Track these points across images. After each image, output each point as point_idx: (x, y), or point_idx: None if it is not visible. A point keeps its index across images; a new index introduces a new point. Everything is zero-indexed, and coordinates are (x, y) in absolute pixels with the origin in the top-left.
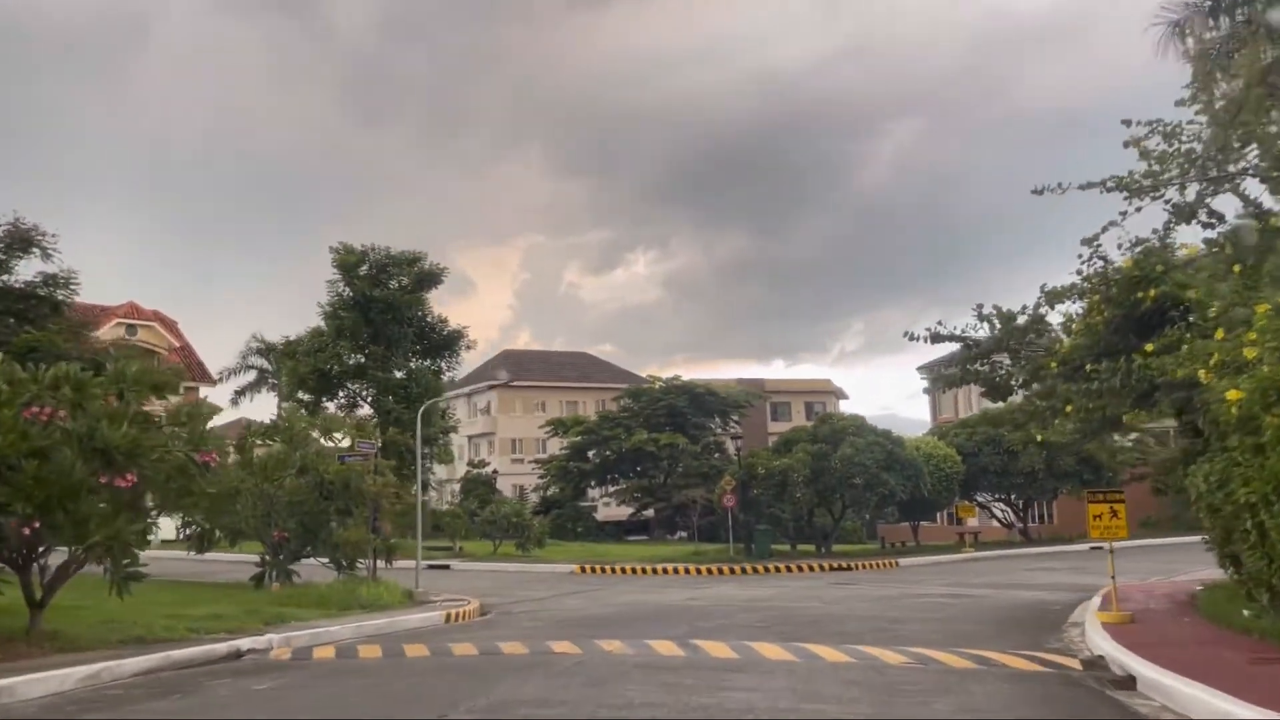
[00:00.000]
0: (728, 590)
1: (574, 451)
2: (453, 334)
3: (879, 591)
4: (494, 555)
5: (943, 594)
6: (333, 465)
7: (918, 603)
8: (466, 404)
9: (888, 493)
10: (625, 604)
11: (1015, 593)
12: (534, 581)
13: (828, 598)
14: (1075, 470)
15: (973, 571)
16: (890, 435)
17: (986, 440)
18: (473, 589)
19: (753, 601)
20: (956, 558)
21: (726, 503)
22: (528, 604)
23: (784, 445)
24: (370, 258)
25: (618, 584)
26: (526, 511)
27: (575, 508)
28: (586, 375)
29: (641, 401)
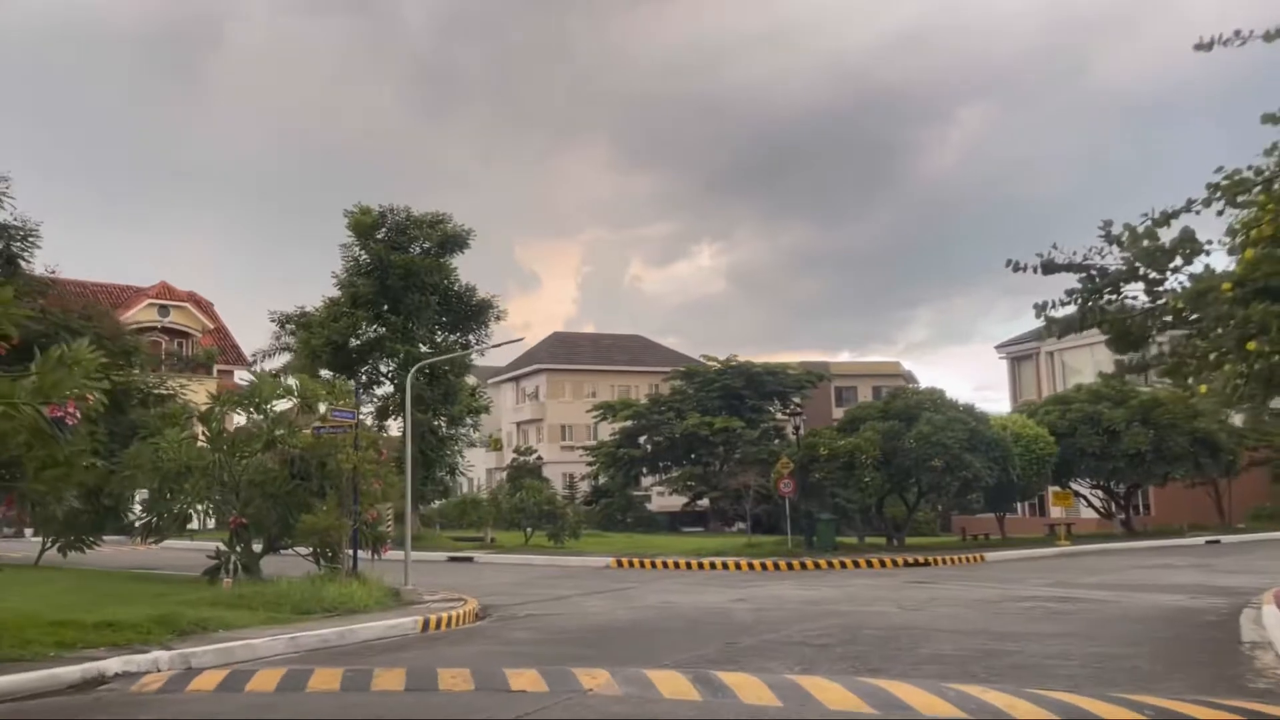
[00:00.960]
0: (783, 590)
1: (624, 437)
2: (481, 303)
3: (970, 593)
4: (525, 546)
5: (1052, 596)
6: (302, 438)
7: (1024, 609)
8: (514, 389)
9: (971, 477)
10: (654, 607)
11: (1144, 596)
12: (560, 577)
13: (906, 601)
14: (1189, 452)
15: (1076, 569)
16: (973, 411)
17: (1083, 418)
18: (483, 586)
19: (811, 605)
20: (1050, 552)
21: (783, 489)
22: (539, 605)
23: (850, 424)
24: (389, 219)
25: (655, 581)
26: (560, 499)
27: (625, 497)
28: (639, 358)
29: (695, 383)
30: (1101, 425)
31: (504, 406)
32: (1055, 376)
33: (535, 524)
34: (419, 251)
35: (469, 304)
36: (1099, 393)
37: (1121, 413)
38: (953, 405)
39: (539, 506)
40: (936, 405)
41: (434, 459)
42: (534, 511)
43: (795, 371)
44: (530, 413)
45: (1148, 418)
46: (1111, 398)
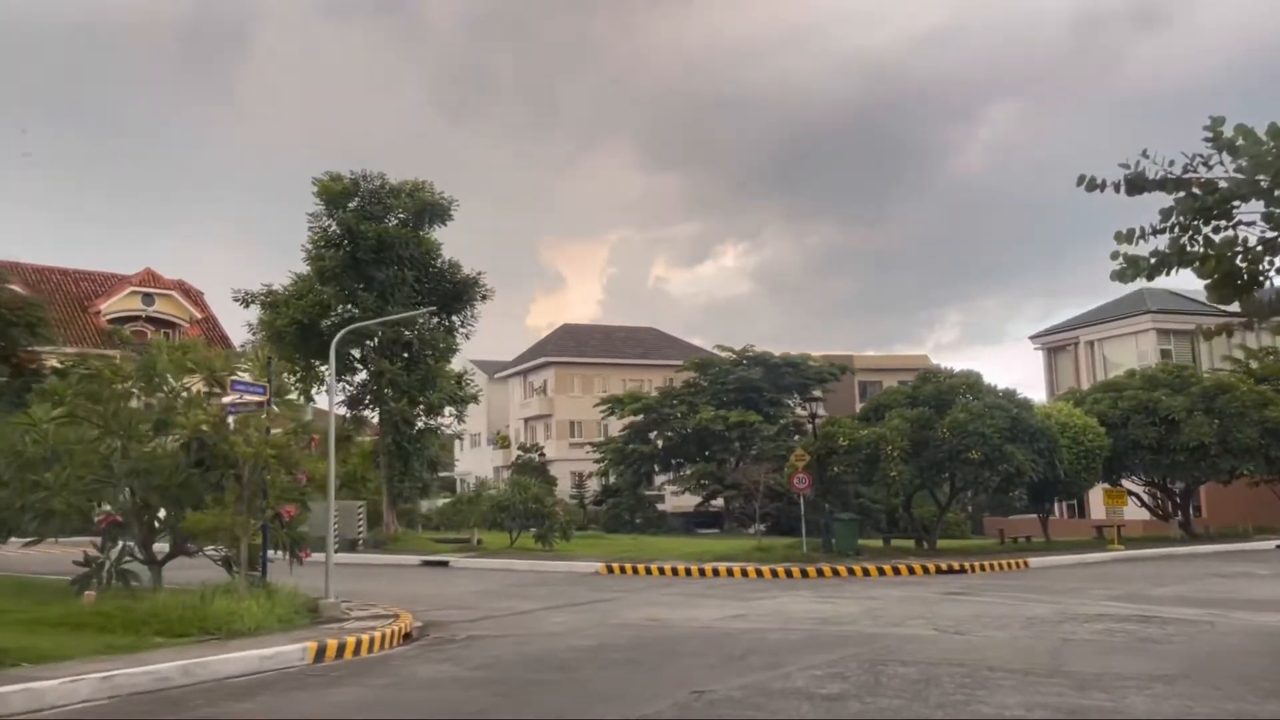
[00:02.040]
0: (793, 603)
1: (633, 433)
2: (465, 281)
3: (1022, 609)
4: (511, 549)
5: (1126, 615)
6: (196, 417)
7: (1098, 635)
8: (522, 383)
9: (1013, 471)
10: (630, 627)
11: (1243, 616)
12: (537, 585)
13: (944, 620)
14: (1259, 445)
15: (1138, 578)
16: (1015, 397)
17: (1137, 406)
18: (443, 596)
19: (824, 626)
20: (1103, 558)
21: (797, 485)
22: (492, 623)
23: (873, 411)
24: (362, 187)
25: (645, 590)
26: (548, 498)
27: (635, 496)
28: (652, 352)
29: (709, 375)
30: (1158, 414)
31: (511, 402)
32: (1095, 368)
33: (521, 524)
34: (396, 223)
35: (452, 281)
36: (1155, 378)
37: (1181, 400)
38: (991, 390)
39: (525, 505)
40: (973, 390)
41: (411, 452)
42: (519, 511)
43: (816, 363)
44: (537, 408)
45: (1211, 406)
46: (1169, 384)
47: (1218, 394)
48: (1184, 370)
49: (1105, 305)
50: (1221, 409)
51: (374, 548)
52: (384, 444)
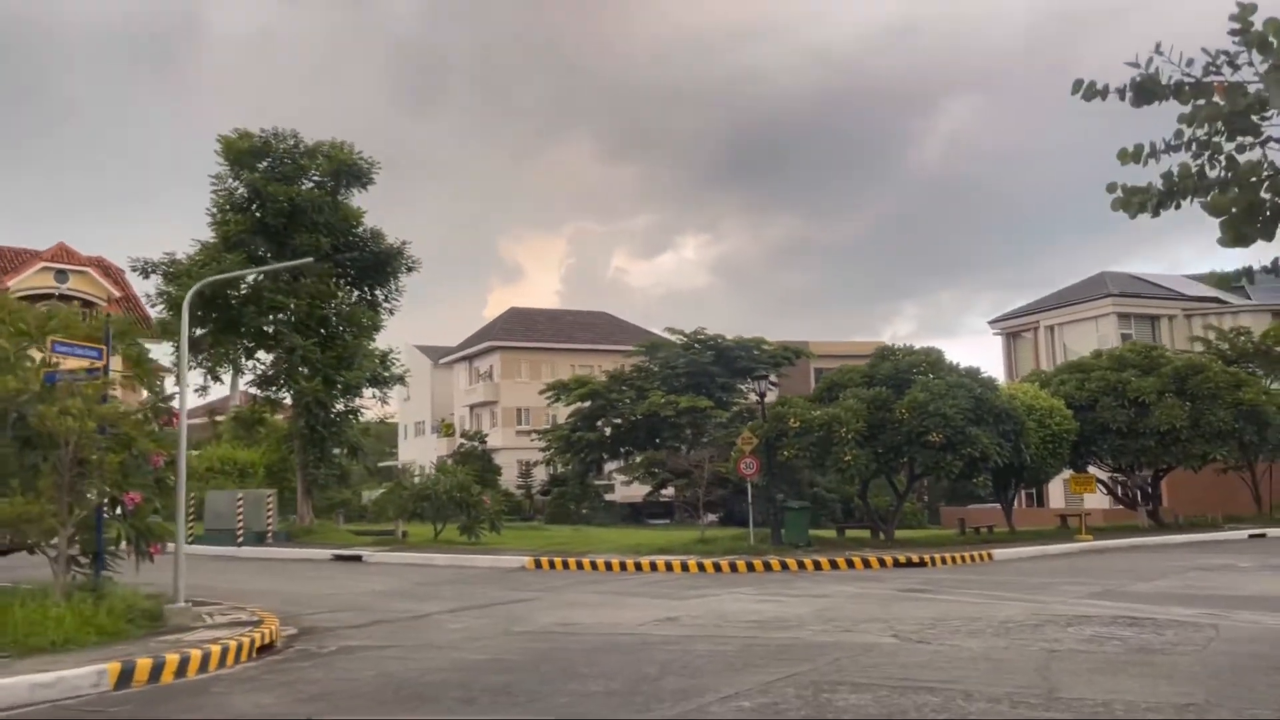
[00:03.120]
0: (732, 603)
1: (579, 420)
2: (388, 251)
3: (993, 609)
4: (434, 542)
5: (1112, 616)
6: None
7: (1087, 642)
8: (467, 369)
9: (978, 455)
10: (537, 635)
11: (1245, 616)
12: (451, 583)
13: (904, 624)
14: (1233, 429)
15: (1114, 571)
16: (978, 375)
17: (1106, 388)
18: (338, 596)
19: (764, 633)
20: (1071, 549)
21: (744, 470)
22: (378, 630)
23: (827, 391)
24: (274, 146)
25: (572, 588)
26: (474, 487)
27: (581, 485)
28: (604, 336)
29: (659, 359)
30: (1128, 396)
31: (456, 388)
32: (1055, 354)
33: (446, 515)
34: (310, 186)
35: (374, 251)
36: (1123, 358)
37: (1152, 381)
38: (953, 369)
39: (448, 495)
40: (934, 368)
41: (326, 436)
42: (443, 501)
43: (770, 348)
44: (483, 395)
45: (1183, 388)
46: (1138, 364)
47: (1189, 375)
48: (1153, 350)
49: (1065, 289)
50: (1194, 391)
51: (285, 540)
52: (297, 427)
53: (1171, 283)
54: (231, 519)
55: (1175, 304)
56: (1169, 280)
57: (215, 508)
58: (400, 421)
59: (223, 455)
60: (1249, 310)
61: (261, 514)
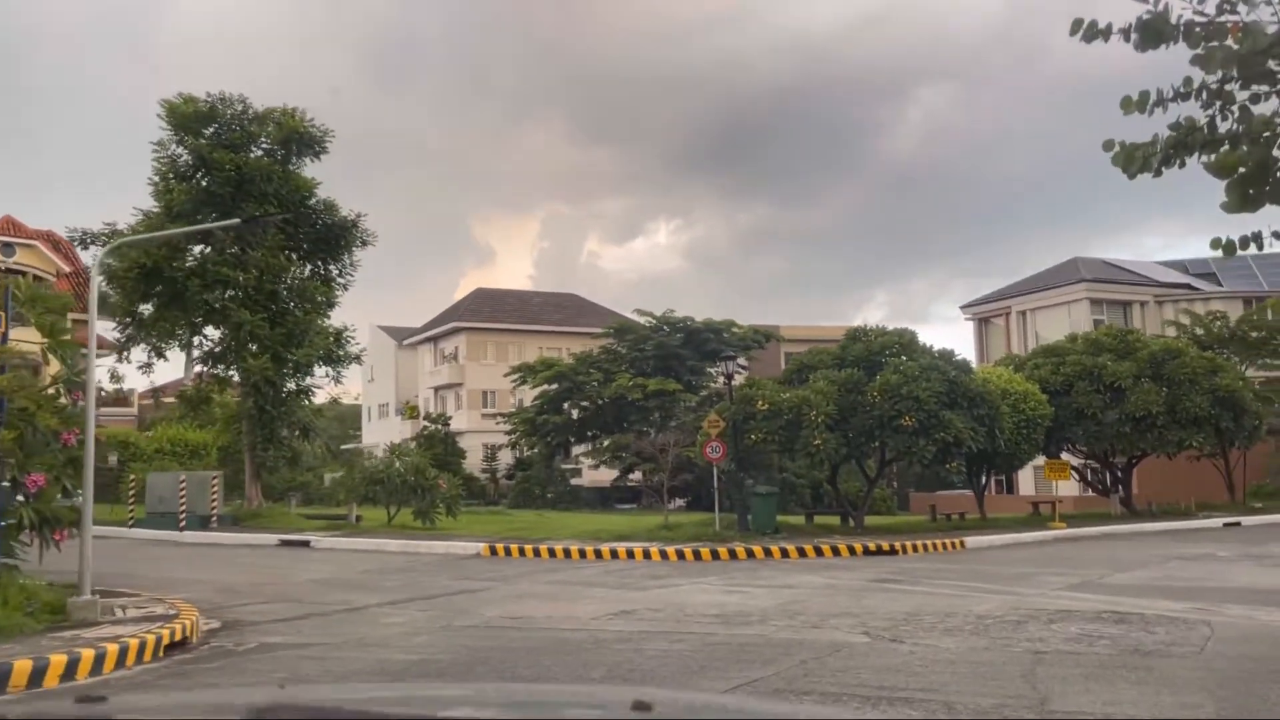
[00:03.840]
0: (694, 594)
1: (545, 403)
2: (341, 224)
3: (968, 601)
4: (388, 527)
5: (1096, 611)
6: None
7: (1073, 642)
8: (432, 350)
9: (951, 440)
10: (478, 632)
11: (1239, 612)
12: (400, 571)
13: (876, 618)
14: (1209, 415)
15: (1090, 560)
16: (952, 358)
17: (1081, 372)
18: (276, 586)
19: (725, 628)
20: (1044, 537)
21: (709, 454)
22: (311, 623)
23: (797, 373)
24: (220, 112)
25: (526, 576)
26: (430, 470)
27: (546, 470)
28: (573, 318)
29: (628, 341)
30: (1103, 381)
31: (421, 370)
32: (1026, 339)
33: (400, 499)
34: (260, 154)
35: (326, 223)
36: (1099, 342)
37: (1128, 366)
38: (926, 351)
39: (402, 478)
40: (907, 350)
41: (275, 416)
42: (396, 484)
43: (741, 330)
44: (448, 377)
45: (1159, 372)
46: (1114, 348)
47: (1166, 360)
48: (1128, 334)
49: (1038, 274)
50: (1170, 376)
51: (231, 525)
52: (244, 407)
53: (1143, 269)
54: (174, 502)
55: (1147, 290)
56: (1141, 266)
57: (157, 490)
58: (364, 404)
59: (174, 436)
60: (1220, 297)
61: (206, 497)
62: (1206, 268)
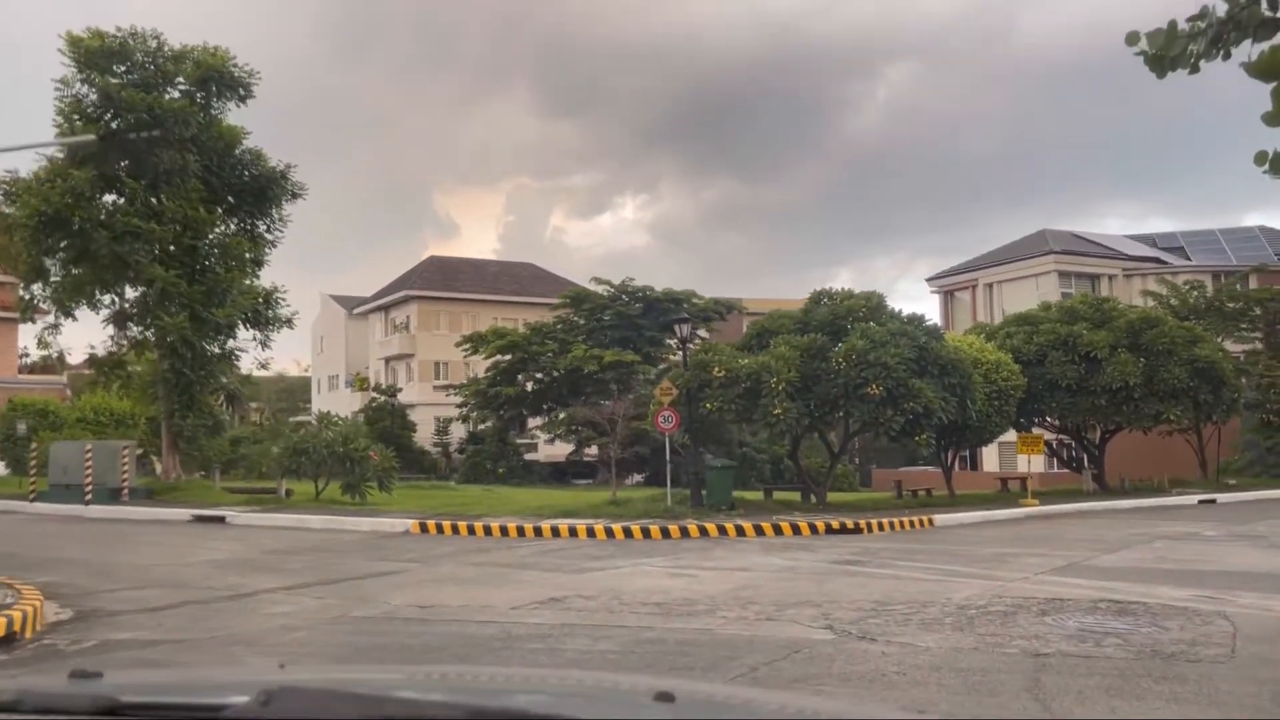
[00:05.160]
0: (636, 578)
1: (498, 374)
2: (269, 175)
3: (943, 586)
4: (316, 502)
5: (1092, 597)
6: None
7: (1073, 637)
8: (383, 320)
9: (921, 411)
10: (374, 625)
11: (1251, 600)
12: (314, 550)
13: (840, 608)
14: (1188, 387)
15: (1070, 540)
16: (922, 323)
17: (1056, 342)
18: (169, 567)
19: (663, 623)
20: (1016, 514)
21: (661, 425)
22: (183, 612)
23: (757, 338)
24: (132, 48)
25: (449, 558)
26: (362, 442)
27: (499, 443)
28: (528, 288)
29: (584, 311)
30: (1078, 351)
31: (371, 340)
32: (993, 313)
33: (326, 472)
34: (177, 95)
35: (253, 173)
36: (1074, 310)
37: (1104, 335)
38: (895, 316)
39: (329, 449)
40: (875, 314)
41: (194, 381)
42: (322, 455)
43: (702, 301)
44: (398, 347)
45: (1137, 342)
46: (1090, 317)
47: (1144, 329)
48: (1104, 303)
49: (1005, 246)
50: (1148, 346)
51: (144, 499)
52: (159, 370)
53: (1112, 242)
54: (79, 474)
55: (1116, 263)
56: (1109, 240)
57: (61, 461)
58: (314, 375)
59: (98, 405)
60: (1189, 271)
61: (116, 468)
62: (1174, 241)
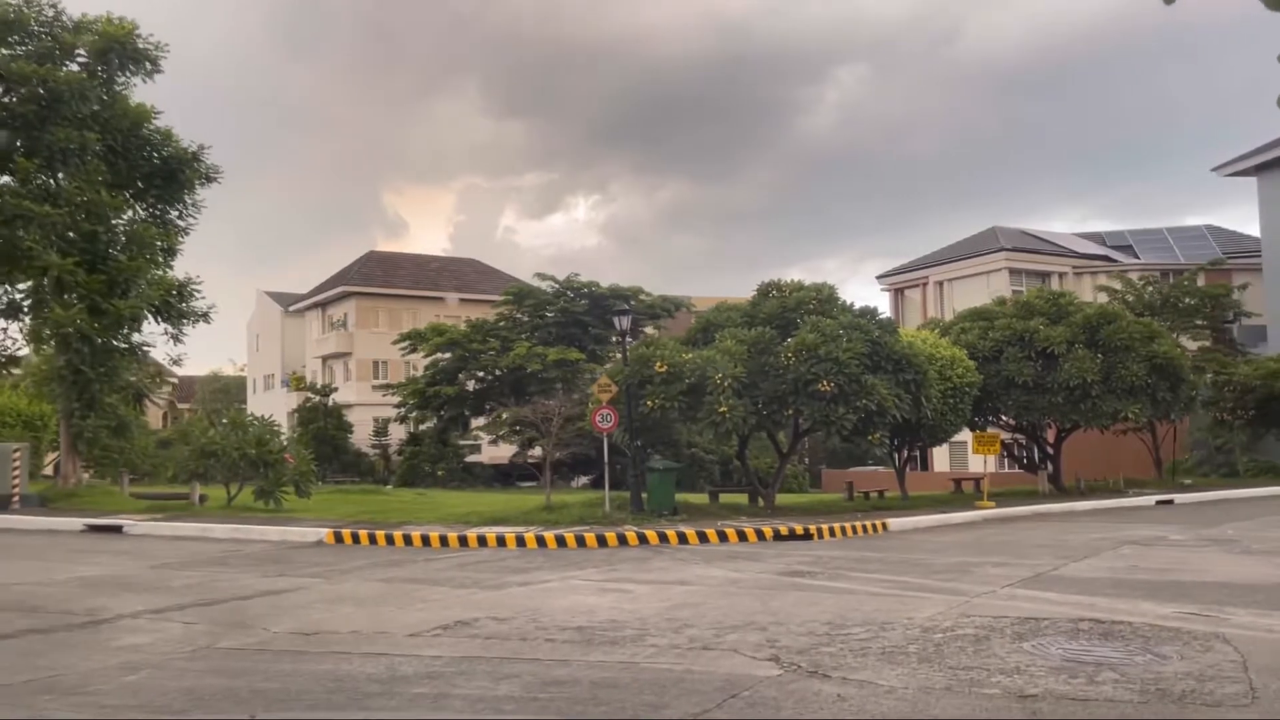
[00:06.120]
0: (561, 594)
1: (437, 373)
2: (179, 157)
3: (903, 604)
4: (230, 509)
5: (1071, 616)
6: None
7: (1059, 671)
8: (320, 317)
9: (875, 408)
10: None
11: (1249, 620)
12: (206, 564)
13: (789, 631)
14: (1146, 384)
15: (1033, 546)
16: (876, 316)
17: (1012, 337)
18: (34, 584)
19: (583, 651)
20: (972, 517)
21: (599, 423)
22: (16, 643)
23: (703, 332)
24: (26, 19)
25: (359, 572)
26: (276, 444)
27: (438, 445)
28: (472, 285)
29: (527, 307)
30: (1035, 347)
31: (308, 338)
32: (944, 311)
33: (237, 476)
34: (76, 70)
35: (160, 155)
36: (1030, 305)
37: (1061, 331)
38: (847, 309)
39: (239, 451)
40: (826, 307)
41: (94, 378)
42: (232, 459)
43: (649, 298)
44: (335, 345)
45: (1094, 338)
46: (1046, 312)
47: (1101, 324)
48: (1061, 297)
49: (956, 244)
50: (1105, 342)
51: (37, 506)
52: (55, 366)
53: (1062, 240)
54: None
55: (1066, 261)
56: (1059, 238)
57: None
58: (249, 375)
59: (5, 405)
60: (1138, 269)
61: (6, 473)
62: (1123, 240)
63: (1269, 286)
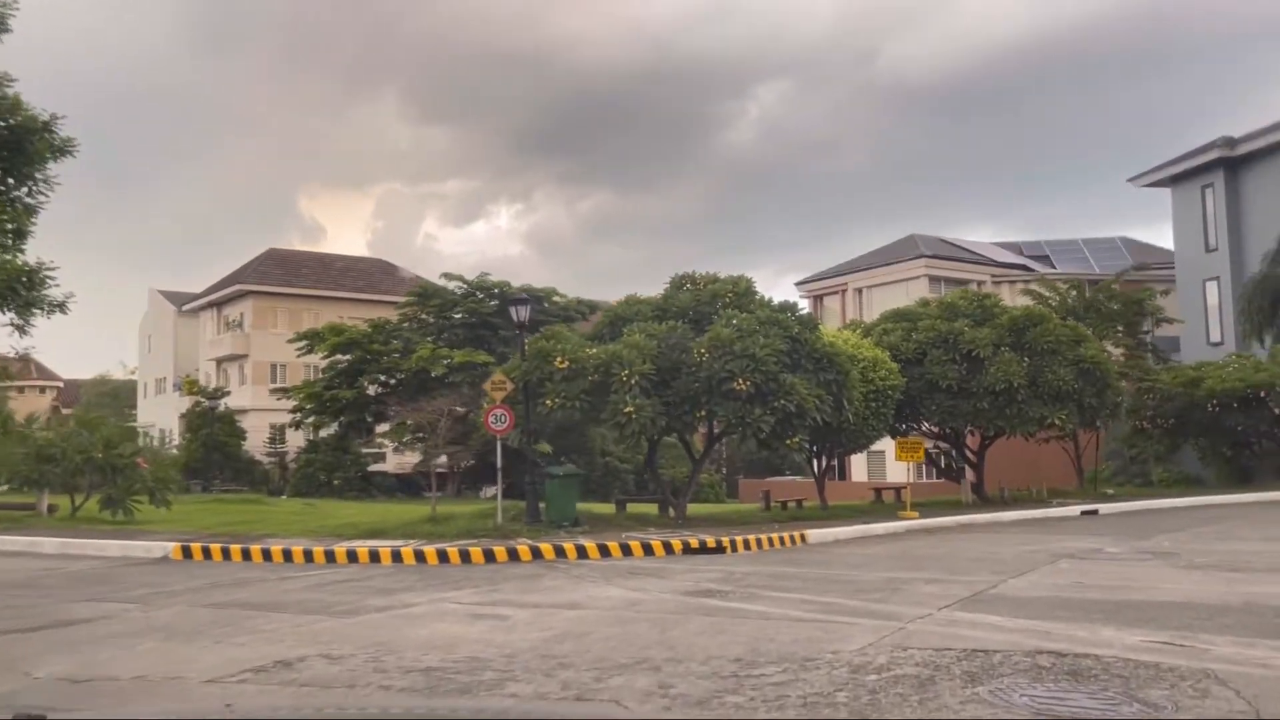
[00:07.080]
0: (426, 621)
1: (335, 376)
2: (28, 127)
3: (827, 632)
4: (71, 520)
5: (1027, 648)
6: None
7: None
8: (215, 317)
9: (794, 409)
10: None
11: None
12: (16, 587)
13: (688, 674)
14: (1073, 389)
15: (965, 561)
16: (795, 311)
17: (936, 339)
18: None
19: (428, 697)
20: (895, 528)
21: (492, 425)
22: None
23: (610, 327)
24: None
25: (191, 594)
26: (129, 446)
27: (336, 453)
28: (376, 285)
29: (431, 306)
30: (959, 349)
31: (202, 340)
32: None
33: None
34: None
35: (7, 124)
36: (954, 306)
37: (986, 333)
38: (765, 303)
39: (84, 455)
40: (742, 301)
41: None
42: (75, 464)
43: (564, 300)
44: (231, 347)
45: (1020, 340)
46: (971, 314)
47: (1028, 326)
48: (986, 299)
49: (876, 250)
50: (1032, 344)
51: None
52: None
53: (980, 248)
54: None
55: (985, 269)
56: (978, 246)
57: None
58: (140, 378)
59: None
60: (1055, 277)
61: None
62: (1040, 250)
63: (1181, 297)
